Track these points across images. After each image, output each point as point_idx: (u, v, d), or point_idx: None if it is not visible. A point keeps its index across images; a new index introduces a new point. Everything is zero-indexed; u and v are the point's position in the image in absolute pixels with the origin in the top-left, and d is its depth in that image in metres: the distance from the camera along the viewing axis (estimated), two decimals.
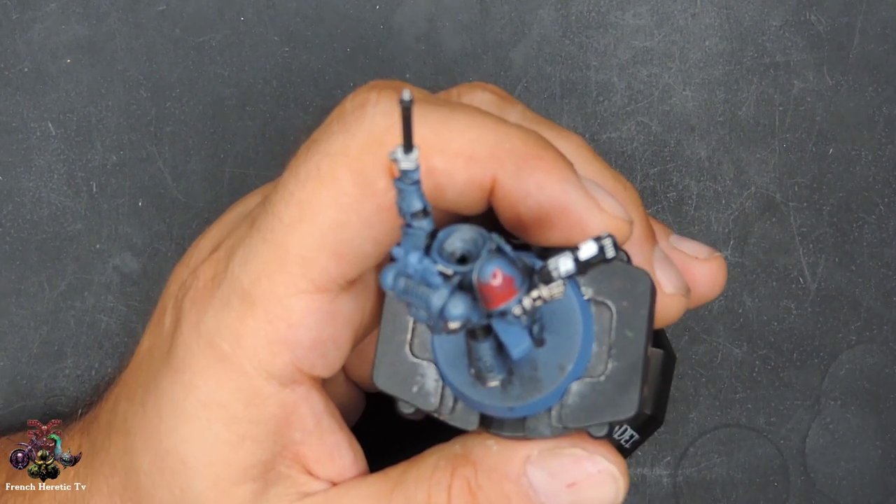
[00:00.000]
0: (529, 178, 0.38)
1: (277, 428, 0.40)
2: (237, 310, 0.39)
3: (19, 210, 0.55)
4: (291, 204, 0.38)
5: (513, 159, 0.38)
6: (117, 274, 0.55)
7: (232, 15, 0.56)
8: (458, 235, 0.35)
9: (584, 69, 0.56)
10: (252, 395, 0.39)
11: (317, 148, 0.39)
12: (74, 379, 0.55)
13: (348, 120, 0.39)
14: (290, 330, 0.39)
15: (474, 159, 0.38)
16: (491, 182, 0.38)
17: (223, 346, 0.39)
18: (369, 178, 0.38)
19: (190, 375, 0.40)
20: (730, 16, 0.56)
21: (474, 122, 0.38)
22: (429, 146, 0.38)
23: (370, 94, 0.39)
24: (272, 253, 0.39)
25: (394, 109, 0.38)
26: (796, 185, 0.56)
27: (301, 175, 0.39)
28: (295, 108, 0.55)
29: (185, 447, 0.40)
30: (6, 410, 0.55)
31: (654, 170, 0.55)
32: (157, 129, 0.55)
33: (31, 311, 0.55)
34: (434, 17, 0.55)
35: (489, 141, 0.38)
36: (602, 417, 0.38)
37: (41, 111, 0.55)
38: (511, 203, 0.38)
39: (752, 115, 0.55)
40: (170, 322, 0.41)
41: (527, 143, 0.38)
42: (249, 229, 0.40)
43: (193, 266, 0.42)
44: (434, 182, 0.38)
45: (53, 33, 0.56)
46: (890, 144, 0.56)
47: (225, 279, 0.40)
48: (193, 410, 0.40)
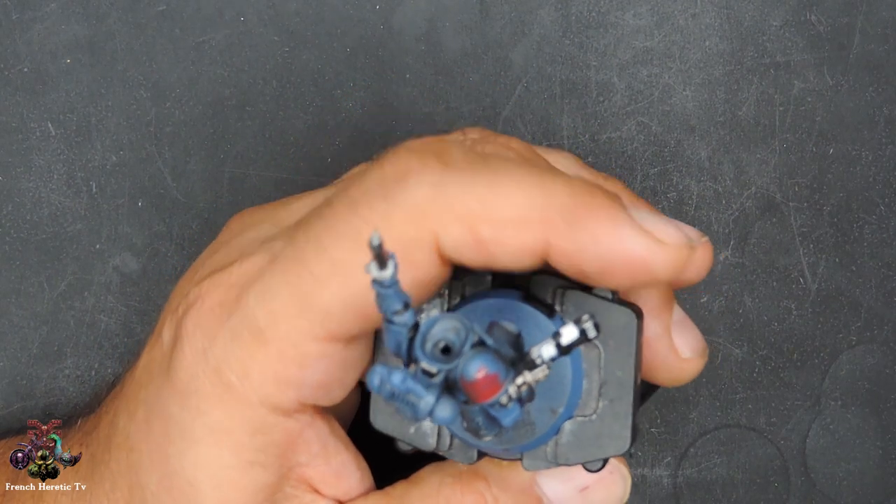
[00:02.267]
0: (583, 234, 0.37)
1: (283, 453, 0.40)
2: (248, 345, 0.39)
3: (19, 210, 0.55)
4: (324, 259, 0.38)
5: (563, 218, 0.37)
6: (117, 274, 0.55)
7: (232, 15, 0.56)
8: (440, 326, 0.35)
9: (584, 69, 0.56)
10: (258, 425, 0.40)
11: (356, 210, 0.38)
12: (74, 379, 0.55)
13: (390, 187, 0.38)
14: (300, 371, 0.39)
15: (524, 225, 0.37)
16: (543, 245, 0.37)
17: (230, 377, 0.39)
18: (409, 250, 0.37)
19: (196, 401, 0.40)
20: (730, 16, 0.56)
21: (520, 186, 0.37)
22: (476, 217, 0.37)
23: (411, 162, 0.38)
24: (295, 300, 0.38)
25: (437, 182, 0.37)
26: (796, 185, 0.56)
27: (338, 234, 0.38)
28: (295, 108, 0.55)
29: (193, 470, 0.40)
30: (6, 411, 0.55)
31: (655, 170, 0.55)
32: (157, 129, 0.55)
33: (31, 311, 0.55)
34: (434, 17, 0.55)
35: (537, 203, 0.37)
36: (595, 455, 0.39)
37: (41, 111, 0.55)
38: (569, 261, 0.38)
39: (753, 115, 0.55)
40: (169, 338, 0.41)
41: (574, 196, 0.37)
42: (270, 265, 0.39)
43: (197, 282, 0.41)
44: (485, 252, 0.37)
45: (53, 33, 0.56)
46: (890, 144, 0.56)
47: (237, 310, 0.39)
48: (201, 435, 0.40)
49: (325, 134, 0.55)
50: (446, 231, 0.37)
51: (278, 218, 0.43)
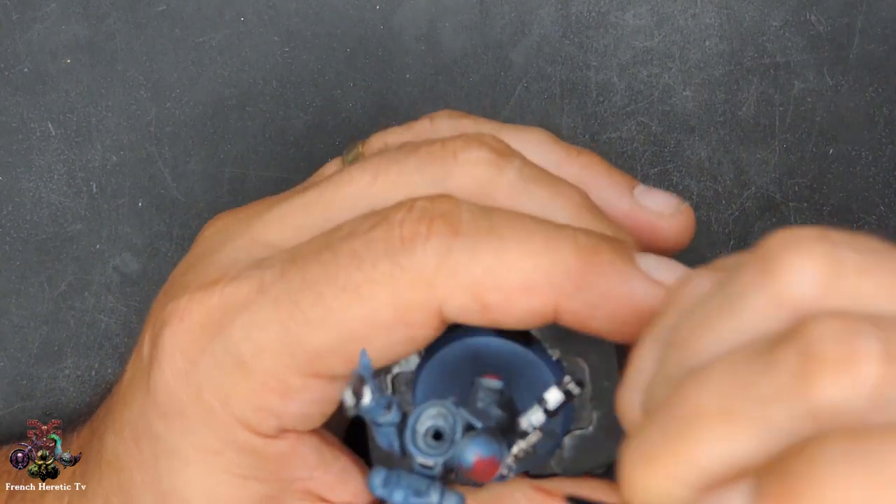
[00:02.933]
0: (592, 293, 0.37)
1: (278, 469, 0.40)
2: (230, 374, 0.39)
3: (19, 210, 0.55)
4: (319, 305, 0.38)
5: (571, 281, 0.37)
6: (117, 274, 0.55)
7: (232, 15, 0.56)
8: (426, 416, 0.35)
9: (584, 69, 0.56)
10: (244, 446, 0.40)
11: (360, 265, 0.37)
12: (74, 379, 0.55)
13: (396, 249, 0.37)
14: (282, 402, 0.39)
15: (531, 291, 0.37)
16: (552, 307, 0.37)
17: (211, 402, 0.39)
18: (410, 312, 0.37)
19: (181, 422, 0.40)
20: (730, 16, 0.56)
21: (527, 250, 0.37)
22: (482, 286, 0.37)
23: (420, 227, 0.37)
24: (283, 338, 0.38)
25: (444, 251, 0.37)
26: (796, 185, 0.56)
27: (338, 284, 0.38)
28: (295, 108, 0.55)
29: (188, 488, 0.40)
30: (6, 411, 0.55)
31: (654, 170, 0.55)
32: (157, 130, 0.55)
33: (31, 311, 0.55)
34: (434, 17, 0.55)
35: (544, 268, 0.37)
36: (599, 461, 0.40)
37: (41, 111, 0.55)
38: (579, 321, 0.37)
39: (752, 116, 0.55)
40: (147, 354, 0.41)
41: (580, 255, 0.37)
42: (258, 296, 0.39)
43: (173, 297, 0.41)
44: (490, 316, 0.37)
45: (53, 33, 0.56)
46: (890, 145, 0.56)
47: (220, 336, 0.39)
48: (192, 455, 0.40)
49: (325, 134, 0.55)
50: (451, 298, 0.37)
51: (255, 233, 0.42)
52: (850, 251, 0.29)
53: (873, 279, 0.29)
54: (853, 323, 0.28)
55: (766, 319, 0.30)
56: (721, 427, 0.28)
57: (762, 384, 0.28)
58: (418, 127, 0.45)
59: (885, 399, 0.27)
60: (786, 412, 0.28)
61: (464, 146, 0.41)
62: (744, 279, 0.30)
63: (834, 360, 0.27)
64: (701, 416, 0.29)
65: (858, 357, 0.27)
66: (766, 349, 0.28)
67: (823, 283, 0.29)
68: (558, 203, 0.40)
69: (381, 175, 0.41)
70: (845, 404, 0.27)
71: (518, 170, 0.40)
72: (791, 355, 0.28)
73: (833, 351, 0.27)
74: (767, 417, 0.28)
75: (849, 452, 0.26)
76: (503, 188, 0.40)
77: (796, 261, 0.29)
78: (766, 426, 0.28)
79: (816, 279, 0.29)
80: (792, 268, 0.29)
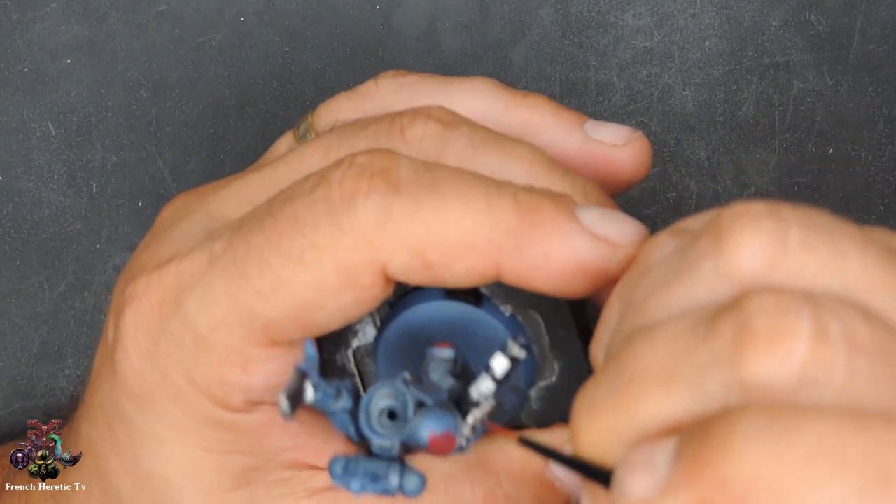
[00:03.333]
0: (533, 252, 0.37)
1: (259, 441, 0.40)
2: (191, 351, 0.39)
3: (19, 210, 0.55)
4: (267, 275, 0.37)
5: (511, 239, 0.37)
6: (117, 274, 0.55)
7: (232, 15, 0.56)
8: (377, 398, 0.36)
9: (584, 69, 0.56)
10: (219, 421, 0.39)
11: (301, 229, 0.37)
12: (74, 379, 0.55)
13: (337, 211, 0.37)
14: (245, 377, 0.39)
15: (472, 250, 0.37)
16: (494, 266, 0.37)
17: (177, 380, 0.39)
18: (355, 274, 0.37)
19: (152, 403, 0.39)
20: (730, 16, 0.56)
21: (467, 208, 0.37)
22: (424, 243, 0.37)
23: (360, 183, 0.37)
24: (235, 310, 0.38)
25: (384, 208, 0.37)
26: (796, 185, 0.56)
27: (282, 252, 0.37)
28: (295, 108, 0.55)
29: (167, 466, 0.40)
30: (6, 410, 0.55)
31: (654, 170, 0.55)
32: (157, 129, 0.55)
33: (31, 311, 0.55)
34: (434, 17, 0.55)
35: (485, 225, 0.37)
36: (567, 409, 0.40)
37: (41, 111, 0.55)
38: (521, 279, 0.37)
39: (752, 116, 0.55)
40: (111, 338, 0.41)
41: (520, 213, 0.37)
42: (209, 268, 0.39)
43: (131, 278, 0.41)
44: (432, 274, 0.37)
45: (53, 33, 0.56)
46: (890, 145, 0.56)
47: (177, 315, 0.39)
48: (167, 435, 0.40)
49: None
50: (393, 257, 0.37)
51: (210, 207, 0.42)
52: (798, 227, 0.30)
53: (817, 257, 0.30)
54: (789, 300, 0.29)
55: (712, 289, 0.31)
56: (659, 389, 0.30)
57: (700, 352, 0.29)
58: (363, 90, 0.44)
59: (811, 378, 0.28)
60: (718, 381, 0.29)
61: (410, 121, 0.40)
62: (697, 248, 0.31)
63: (766, 335, 0.28)
64: (643, 376, 0.30)
65: (789, 335, 0.28)
66: (708, 318, 0.30)
67: (768, 258, 0.30)
68: (511, 165, 0.39)
69: (332, 151, 0.40)
70: (774, 379, 0.28)
71: (467, 137, 0.40)
72: (728, 327, 0.29)
73: (766, 326, 0.29)
74: (702, 384, 0.29)
75: (762, 428, 0.27)
76: (452, 159, 0.40)
77: (744, 235, 0.30)
78: (701, 392, 0.29)
79: (761, 254, 0.30)
80: (739, 242, 0.30)
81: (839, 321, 0.29)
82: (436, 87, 0.43)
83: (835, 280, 0.30)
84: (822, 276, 0.30)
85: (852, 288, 0.30)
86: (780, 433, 0.27)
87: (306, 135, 0.45)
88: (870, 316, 0.29)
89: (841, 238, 0.31)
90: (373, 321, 0.40)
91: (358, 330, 0.41)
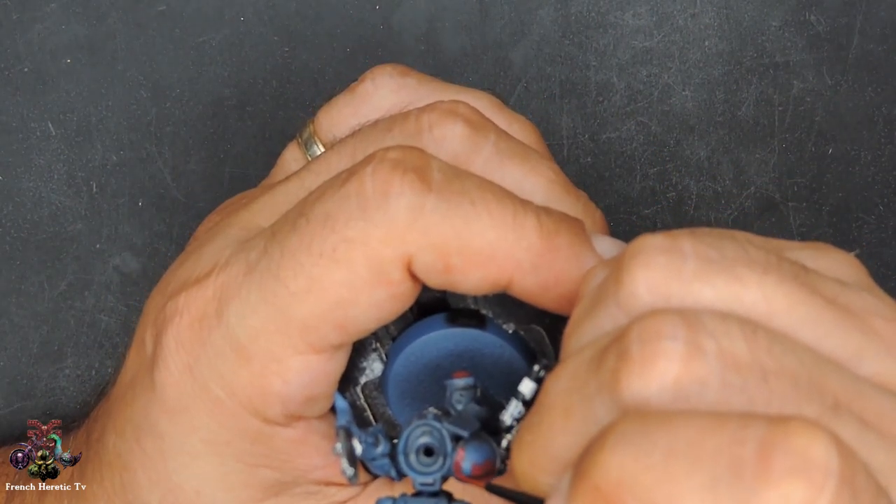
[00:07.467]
0: (548, 273, 0.38)
1: (292, 458, 0.40)
2: (232, 362, 0.39)
3: (19, 210, 0.55)
4: (301, 276, 0.38)
5: (530, 257, 0.38)
6: (117, 274, 0.55)
7: (232, 15, 0.56)
8: (413, 437, 0.36)
9: (584, 69, 0.56)
10: (256, 435, 0.40)
11: (333, 226, 0.38)
12: (74, 379, 0.55)
13: (369, 205, 0.37)
14: (285, 386, 0.39)
15: (492, 261, 0.37)
16: (507, 279, 0.38)
17: (217, 393, 0.39)
18: (385, 269, 0.37)
19: (188, 417, 0.40)
20: (729, 16, 0.56)
21: (494, 220, 0.37)
22: (449, 245, 0.37)
23: (393, 178, 0.37)
24: (273, 316, 0.38)
25: (416, 205, 0.37)
26: (796, 185, 0.56)
27: (314, 251, 0.38)
28: (295, 108, 0.55)
29: (198, 480, 0.40)
30: (6, 410, 0.55)
31: (654, 170, 0.55)
32: (157, 129, 0.56)
33: (31, 311, 0.55)
34: (434, 17, 0.56)
35: (508, 240, 0.37)
36: None
37: (41, 111, 0.56)
38: (531, 295, 0.38)
39: (752, 115, 0.56)
40: (150, 354, 0.41)
41: (542, 235, 0.38)
42: (247, 277, 0.39)
43: (171, 294, 0.41)
44: (449, 278, 0.38)
45: (53, 33, 0.56)
46: (890, 144, 0.56)
47: (218, 327, 0.39)
48: (200, 450, 0.40)
49: None
50: (419, 255, 0.37)
51: (243, 221, 0.42)
52: (694, 260, 0.32)
53: (712, 286, 0.32)
54: (664, 323, 0.31)
55: (613, 321, 0.33)
56: (561, 421, 0.32)
57: (591, 382, 0.31)
58: (361, 91, 0.45)
59: (685, 392, 0.30)
60: (604, 407, 0.31)
61: (439, 120, 0.41)
62: (605, 282, 0.33)
63: (639, 359, 0.30)
64: (550, 410, 0.32)
65: (661, 356, 0.30)
66: (601, 349, 0.32)
67: (662, 291, 0.32)
68: (532, 181, 0.40)
69: (358, 155, 0.41)
70: (650, 398, 0.30)
71: (494, 144, 0.41)
72: (612, 356, 0.31)
73: (640, 350, 0.30)
74: (592, 412, 0.31)
75: (628, 434, 0.29)
76: (478, 165, 0.40)
77: (638, 271, 0.32)
78: (593, 420, 0.31)
79: (654, 288, 0.32)
80: (634, 277, 0.32)
81: (714, 339, 0.30)
82: (436, 93, 0.44)
83: (733, 306, 0.32)
84: (718, 305, 0.32)
85: (752, 312, 0.32)
86: (642, 437, 0.29)
87: (310, 142, 0.45)
88: (757, 332, 0.31)
89: (741, 265, 0.32)
90: (379, 356, 0.41)
91: (365, 367, 0.41)
